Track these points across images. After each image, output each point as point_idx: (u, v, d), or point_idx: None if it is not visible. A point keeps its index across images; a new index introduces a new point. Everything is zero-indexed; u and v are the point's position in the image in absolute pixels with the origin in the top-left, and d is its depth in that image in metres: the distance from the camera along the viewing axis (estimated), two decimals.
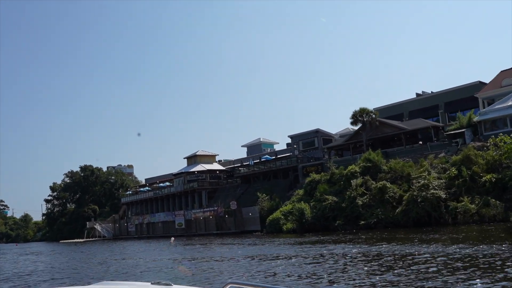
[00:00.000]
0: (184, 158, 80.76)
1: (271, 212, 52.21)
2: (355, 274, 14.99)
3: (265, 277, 16.02)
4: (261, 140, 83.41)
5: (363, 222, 39.39)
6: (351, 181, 42.88)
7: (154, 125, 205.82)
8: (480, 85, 53.43)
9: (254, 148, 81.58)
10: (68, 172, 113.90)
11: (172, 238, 46.45)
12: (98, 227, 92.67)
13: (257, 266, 19.21)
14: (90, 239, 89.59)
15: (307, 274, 15.92)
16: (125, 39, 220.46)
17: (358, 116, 50.05)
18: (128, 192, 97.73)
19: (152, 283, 4.20)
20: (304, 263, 18.98)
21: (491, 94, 48.86)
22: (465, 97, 53.72)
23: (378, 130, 51.15)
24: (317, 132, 62.41)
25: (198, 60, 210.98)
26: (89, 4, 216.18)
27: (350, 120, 50.98)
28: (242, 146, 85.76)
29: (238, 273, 17.76)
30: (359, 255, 20.63)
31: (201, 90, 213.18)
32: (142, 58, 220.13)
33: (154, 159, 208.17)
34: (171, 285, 4.00)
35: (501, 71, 51.96)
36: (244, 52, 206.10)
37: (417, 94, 64.83)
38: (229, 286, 3.72)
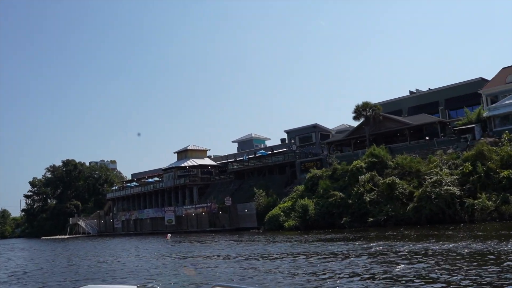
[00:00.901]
0: (174, 152, 78.67)
1: (268, 209, 50.61)
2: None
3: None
4: (253, 135, 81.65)
5: (371, 219, 38.02)
6: (359, 177, 41.44)
7: (140, 119, 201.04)
8: (482, 81, 52.83)
9: (245, 143, 79.76)
10: (50, 166, 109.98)
11: (169, 235, 44.41)
12: (82, 223, 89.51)
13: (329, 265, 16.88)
14: (74, 235, 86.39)
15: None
16: (114, 33, 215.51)
17: (361, 110, 48.71)
18: (113, 188, 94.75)
19: (138, 286, 4.32)
20: (380, 262, 16.92)
21: (495, 91, 48.32)
22: (466, 94, 53.01)
23: (381, 125, 49.94)
24: (315, 127, 60.88)
25: (189, 54, 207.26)
26: (78, 3, 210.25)
27: (353, 115, 49.52)
28: (232, 141, 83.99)
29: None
30: (423, 251, 18.69)
31: (191, 84, 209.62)
32: (131, 51, 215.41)
33: (140, 154, 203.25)
34: None
35: (503, 68, 51.49)
36: (235, 47, 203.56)
37: (411, 92, 63.95)
38: None
